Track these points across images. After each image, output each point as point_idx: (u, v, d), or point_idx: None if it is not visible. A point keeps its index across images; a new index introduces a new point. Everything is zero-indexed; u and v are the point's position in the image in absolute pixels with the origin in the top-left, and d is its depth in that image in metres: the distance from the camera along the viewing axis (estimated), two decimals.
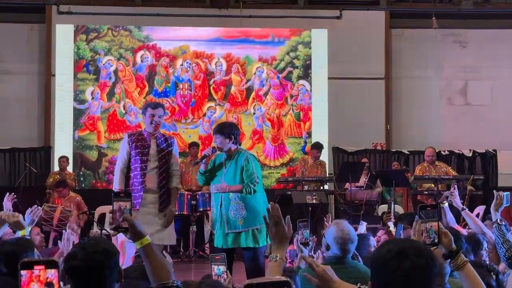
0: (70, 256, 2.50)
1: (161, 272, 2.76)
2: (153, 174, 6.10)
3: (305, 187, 10.63)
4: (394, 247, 2.11)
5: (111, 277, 2.51)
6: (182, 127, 12.87)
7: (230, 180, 6.00)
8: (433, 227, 2.63)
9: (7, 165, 12.61)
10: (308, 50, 13.16)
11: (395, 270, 2.05)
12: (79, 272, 2.46)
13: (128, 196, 2.88)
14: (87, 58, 12.80)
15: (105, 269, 2.47)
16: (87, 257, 2.46)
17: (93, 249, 2.48)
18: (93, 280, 2.48)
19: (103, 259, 2.47)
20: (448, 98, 13.59)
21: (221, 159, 6.14)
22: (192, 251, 9.82)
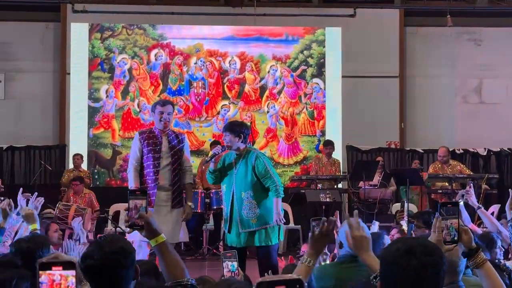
0: (86, 255, 2.50)
1: (176, 270, 2.78)
2: (166, 172, 6.12)
3: (319, 185, 10.62)
4: (403, 246, 2.11)
5: (127, 276, 2.51)
6: (196, 125, 12.90)
7: (241, 180, 6.00)
8: (453, 224, 2.62)
9: (23, 163, 12.69)
10: (322, 49, 13.14)
11: (404, 269, 2.06)
12: (96, 271, 2.46)
13: (144, 194, 2.90)
14: (101, 57, 12.86)
15: (122, 268, 2.47)
16: (104, 256, 2.46)
17: (110, 249, 2.48)
18: (110, 279, 2.48)
19: (119, 258, 2.47)
20: (463, 97, 13.52)
21: (230, 158, 6.13)
22: (206, 249, 9.85)
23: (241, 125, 6.18)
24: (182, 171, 6.24)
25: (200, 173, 10.68)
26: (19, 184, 12.08)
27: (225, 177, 6.11)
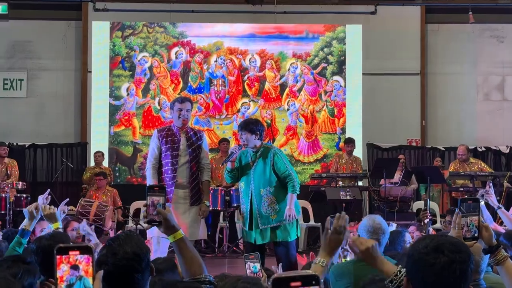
0: (100, 261, 2.47)
1: (194, 266, 2.78)
2: (184, 169, 6.11)
3: (339, 183, 10.59)
4: (431, 243, 2.10)
5: (143, 280, 2.48)
6: (216, 123, 12.92)
7: (260, 177, 6.03)
8: (473, 221, 2.59)
9: (45, 160, 12.79)
10: (342, 46, 13.10)
11: (432, 265, 2.05)
12: (111, 277, 2.43)
13: (162, 191, 2.91)
14: (122, 55, 12.93)
15: (136, 273, 2.44)
16: (118, 263, 2.42)
17: (123, 255, 2.43)
18: (126, 284, 2.46)
19: (133, 264, 2.43)
20: (485, 94, 13.41)
21: (247, 156, 6.14)
22: (226, 246, 9.87)
23: (256, 123, 6.19)
24: (200, 168, 6.25)
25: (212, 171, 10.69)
26: (41, 182, 12.25)
27: (242, 175, 6.13)
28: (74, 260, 1.35)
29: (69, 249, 1.36)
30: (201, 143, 6.22)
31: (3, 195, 9.82)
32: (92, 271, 1.36)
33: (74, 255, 1.36)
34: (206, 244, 10.09)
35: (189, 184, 6.11)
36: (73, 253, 1.35)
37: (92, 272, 1.36)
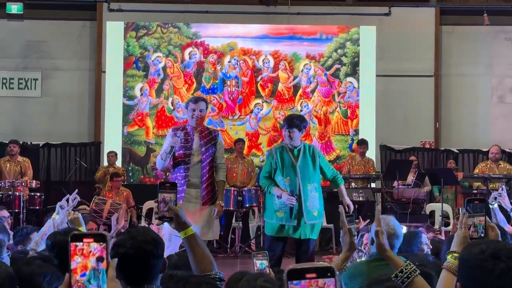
0: (118, 243, 2.55)
1: (204, 263, 2.79)
2: (197, 169, 6.11)
3: (352, 184, 10.57)
4: (487, 249, 2.08)
5: (157, 267, 2.54)
6: (229, 123, 12.94)
7: (307, 172, 6.14)
8: (481, 221, 2.58)
9: (58, 160, 12.86)
10: (356, 47, 13.08)
11: (490, 272, 2.03)
12: (127, 259, 2.50)
13: (173, 187, 2.91)
14: (136, 55, 12.97)
15: (152, 258, 2.51)
16: (136, 245, 2.50)
17: (142, 238, 2.52)
18: (140, 268, 2.52)
19: (151, 248, 2.51)
20: (499, 96, 13.34)
21: (284, 155, 6.19)
22: (238, 247, 9.88)
23: (303, 120, 6.34)
24: (215, 168, 6.24)
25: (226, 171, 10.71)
26: (55, 181, 12.32)
27: (284, 171, 6.17)
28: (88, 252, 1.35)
29: (83, 236, 1.36)
30: (215, 143, 6.21)
31: (17, 193, 9.87)
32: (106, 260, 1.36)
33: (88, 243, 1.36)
34: (218, 244, 10.10)
35: (201, 183, 6.10)
36: (87, 240, 1.35)
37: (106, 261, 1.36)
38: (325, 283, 1.14)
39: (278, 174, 6.19)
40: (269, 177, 6.25)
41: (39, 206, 10.35)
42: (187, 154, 6.09)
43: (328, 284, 1.14)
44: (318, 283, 1.13)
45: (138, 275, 2.53)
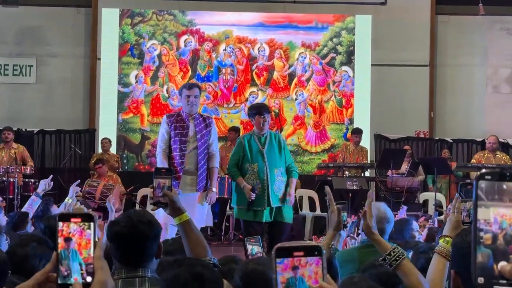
0: (114, 222, 2.57)
1: (198, 249, 2.81)
2: (192, 155, 6.13)
3: (346, 173, 10.60)
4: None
5: (151, 249, 2.56)
6: (224, 111, 12.94)
7: (273, 157, 6.48)
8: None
9: (53, 146, 12.85)
10: (351, 36, 13.07)
11: None
12: (122, 238, 2.53)
13: (169, 173, 2.93)
14: (131, 42, 12.94)
15: (147, 239, 2.53)
16: (132, 225, 2.53)
17: (138, 219, 2.55)
18: (134, 248, 2.53)
19: (146, 229, 2.54)
20: (494, 86, 13.36)
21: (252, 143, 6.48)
22: (232, 234, 9.90)
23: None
24: (209, 155, 6.26)
25: (220, 159, 10.72)
26: (49, 168, 12.30)
27: (252, 158, 6.43)
28: (67, 232, 1.36)
29: (71, 216, 1.37)
30: (210, 130, 6.24)
31: (12, 180, 9.87)
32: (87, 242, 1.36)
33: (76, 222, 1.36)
34: (212, 232, 10.12)
35: (196, 170, 6.12)
36: (75, 220, 1.36)
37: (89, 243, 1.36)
38: (307, 262, 1.15)
39: (246, 161, 6.49)
40: (236, 165, 6.56)
41: (33, 192, 10.33)
42: (183, 141, 6.10)
43: (311, 263, 1.15)
44: (301, 262, 1.15)
45: (132, 256, 2.54)
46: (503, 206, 1.12)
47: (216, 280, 2.14)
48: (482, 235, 1.13)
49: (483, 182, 1.13)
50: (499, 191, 1.13)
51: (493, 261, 1.12)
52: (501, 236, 1.12)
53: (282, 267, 1.15)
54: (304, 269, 1.15)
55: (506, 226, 1.12)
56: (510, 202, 1.13)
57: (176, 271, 2.11)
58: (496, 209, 1.13)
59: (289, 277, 1.15)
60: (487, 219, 1.13)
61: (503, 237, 1.12)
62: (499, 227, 1.12)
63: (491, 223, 1.13)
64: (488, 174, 1.14)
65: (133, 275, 2.53)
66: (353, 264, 3.72)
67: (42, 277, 1.39)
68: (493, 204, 1.13)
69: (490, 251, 1.12)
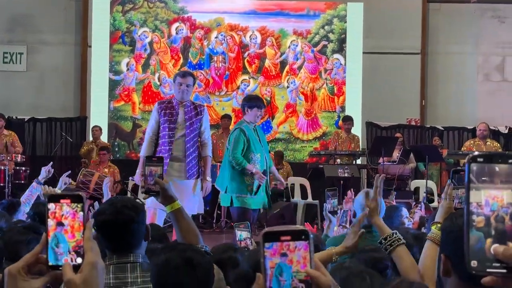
0: (99, 211, 2.58)
1: (190, 236, 2.82)
2: (180, 142, 6.12)
3: (337, 160, 10.63)
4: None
5: (139, 232, 2.57)
6: (216, 99, 12.93)
7: (266, 148, 6.77)
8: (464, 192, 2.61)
9: (44, 134, 12.82)
10: (343, 24, 13.06)
11: None
12: (108, 226, 2.53)
13: (160, 161, 2.93)
14: (122, 30, 12.89)
15: (133, 223, 2.54)
16: (116, 211, 2.54)
17: (122, 204, 2.56)
18: (122, 234, 2.54)
19: (131, 213, 2.55)
20: (485, 74, 13.40)
21: (251, 133, 6.55)
22: (224, 222, 9.93)
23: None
24: (201, 143, 6.25)
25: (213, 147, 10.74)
26: (40, 156, 12.28)
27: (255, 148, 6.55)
28: (60, 215, 1.37)
29: (60, 197, 1.37)
30: (201, 118, 6.22)
31: (2, 167, 9.84)
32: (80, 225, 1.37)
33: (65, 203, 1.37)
34: (204, 220, 10.14)
35: (185, 157, 6.11)
36: (64, 201, 1.36)
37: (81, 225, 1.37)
38: (296, 246, 1.16)
39: (250, 150, 6.51)
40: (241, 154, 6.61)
41: (24, 180, 10.32)
42: (171, 128, 6.09)
43: (299, 247, 1.16)
44: (290, 246, 1.16)
45: (121, 242, 2.55)
46: (494, 188, 1.13)
47: (207, 265, 2.15)
48: (474, 218, 1.14)
49: (475, 165, 1.14)
50: (490, 173, 1.14)
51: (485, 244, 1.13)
52: (492, 218, 1.13)
53: (270, 252, 1.16)
54: (293, 254, 1.16)
55: (497, 208, 1.13)
56: (501, 184, 1.13)
57: (167, 256, 2.13)
58: (487, 191, 1.13)
59: (278, 262, 1.16)
60: (479, 202, 1.13)
61: (494, 219, 1.13)
62: (491, 209, 1.13)
63: (483, 206, 1.13)
64: (480, 156, 1.14)
65: (124, 261, 2.55)
66: None
67: (32, 258, 1.39)
68: (484, 186, 1.13)
69: (482, 233, 1.13)
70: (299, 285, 1.16)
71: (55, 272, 1.37)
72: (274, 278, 1.16)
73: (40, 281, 1.38)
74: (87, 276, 1.34)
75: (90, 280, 1.34)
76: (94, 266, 1.34)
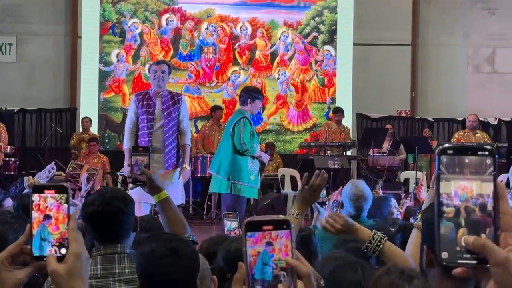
0: (88, 202, 2.58)
1: (177, 226, 2.83)
2: (159, 133, 6.13)
3: (328, 152, 10.64)
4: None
5: (127, 223, 2.58)
6: (206, 90, 12.91)
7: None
8: None
9: (34, 126, 12.77)
10: (333, 15, 13.05)
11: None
12: (97, 217, 2.54)
13: (146, 151, 2.94)
14: (112, 21, 12.84)
15: (122, 214, 2.55)
16: (106, 202, 2.54)
17: (111, 195, 2.56)
18: (110, 225, 2.55)
19: (120, 205, 2.55)
20: (475, 66, 13.44)
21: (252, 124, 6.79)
22: (214, 213, 9.93)
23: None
24: (180, 132, 6.24)
25: (202, 138, 10.75)
26: (30, 147, 12.24)
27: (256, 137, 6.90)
28: (44, 207, 1.37)
29: (44, 188, 1.37)
30: (179, 106, 6.23)
31: None
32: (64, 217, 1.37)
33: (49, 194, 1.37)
34: (194, 211, 10.14)
35: (164, 148, 6.11)
36: (49, 192, 1.37)
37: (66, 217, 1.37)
38: (278, 235, 1.17)
39: (254, 140, 6.76)
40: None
41: (13, 171, 10.29)
42: (149, 119, 6.08)
43: (281, 236, 1.17)
44: (272, 235, 1.17)
45: (109, 233, 2.56)
46: (464, 179, 1.14)
47: (192, 255, 2.15)
48: (445, 209, 1.14)
49: (445, 157, 1.15)
50: (460, 165, 1.15)
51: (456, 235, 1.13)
52: (462, 208, 1.14)
53: (252, 240, 1.17)
54: (275, 242, 1.17)
55: (467, 199, 1.14)
56: (470, 175, 1.14)
57: (153, 246, 2.13)
58: (457, 182, 1.14)
59: (261, 250, 1.17)
60: (449, 193, 1.14)
61: (464, 210, 1.14)
62: (460, 199, 1.14)
63: (452, 197, 1.14)
64: (450, 148, 1.15)
65: (112, 252, 2.55)
66: (330, 241, 3.75)
67: (16, 249, 1.39)
68: (454, 177, 1.14)
69: (452, 224, 1.14)
70: (281, 273, 1.17)
71: (39, 263, 1.37)
72: (259, 265, 1.16)
73: (24, 271, 1.38)
74: (72, 267, 1.34)
75: (75, 271, 1.34)
76: (78, 256, 1.35)
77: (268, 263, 1.16)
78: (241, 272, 1.18)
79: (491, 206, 1.13)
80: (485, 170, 1.14)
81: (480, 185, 1.14)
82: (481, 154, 1.14)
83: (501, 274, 1.10)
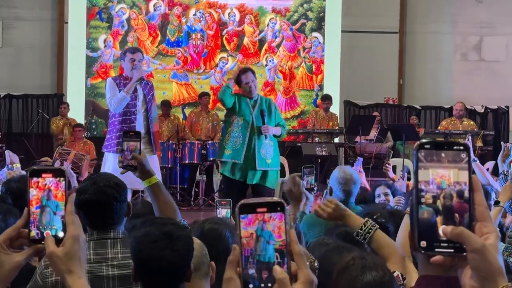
0: (81, 190, 2.57)
1: (168, 211, 2.83)
2: (143, 118, 6.14)
3: (315, 139, 10.66)
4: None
5: (120, 210, 2.58)
6: (194, 77, 12.87)
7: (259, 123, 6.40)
8: None
9: (20, 111, 12.69)
10: (322, 2, 13.03)
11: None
12: (90, 205, 2.53)
13: (137, 136, 2.93)
14: (99, 6, 12.75)
15: (115, 202, 2.55)
16: (99, 190, 2.53)
17: (104, 183, 2.55)
18: (104, 213, 2.54)
19: (113, 193, 2.55)
20: (463, 54, 13.48)
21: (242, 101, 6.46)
22: (202, 200, 9.94)
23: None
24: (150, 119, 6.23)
25: (190, 125, 10.74)
26: (16, 133, 12.17)
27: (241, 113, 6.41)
28: (43, 184, 1.37)
29: (42, 171, 1.38)
30: (153, 93, 6.27)
31: None
32: (63, 195, 1.38)
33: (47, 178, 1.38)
34: (182, 197, 10.15)
35: (146, 134, 6.12)
36: (46, 175, 1.37)
37: (64, 196, 1.38)
38: (271, 217, 1.18)
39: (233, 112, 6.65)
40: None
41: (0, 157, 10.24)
42: (133, 104, 6.06)
43: (274, 218, 1.18)
44: (265, 217, 1.18)
45: (102, 220, 2.56)
46: (442, 167, 1.17)
47: (186, 238, 2.17)
48: (423, 194, 1.17)
49: (422, 151, 1.19)
50: (437, 155, 1.18)
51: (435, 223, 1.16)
52: (441, 196, 1.17)
53: (245, 222, 1.17)
54: (268, 223, 1.18)
55: (445, 187, 1.17)
56: (448, 163, 1.17)
57: (147, 229, 2.14)
58: (435, 170, 1.18)
59: (255, 229, 1.18)
60: (427, 180, 1.18)
61: (443, 197, 1.16)
62: (438, 187, 1.17)
63: (430, 184, 1.18)
64: (428, 143, 1.19)
65: (105, 237, 2.55)
66: (320, 227, 3.78)
67: (14, 232, 1.40)
68: (432, 165, 1.18)
69: (431, 209, 1.17)
70: (274, 254, 1.18)
71: (37, 245, 1.38)
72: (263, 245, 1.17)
73: (22, 254, 1.39)
74: (69, 249, 1.35)
75: (72, 253, 1.35)
76: (76, 239, 1.36)
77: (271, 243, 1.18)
78: (235, 253, 1.19)
79: (468, 194, 1.17)
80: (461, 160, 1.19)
81: (458, 172, 1.18)
82: (456, 149, 1.19)
83: (478, 260, 1.14)
